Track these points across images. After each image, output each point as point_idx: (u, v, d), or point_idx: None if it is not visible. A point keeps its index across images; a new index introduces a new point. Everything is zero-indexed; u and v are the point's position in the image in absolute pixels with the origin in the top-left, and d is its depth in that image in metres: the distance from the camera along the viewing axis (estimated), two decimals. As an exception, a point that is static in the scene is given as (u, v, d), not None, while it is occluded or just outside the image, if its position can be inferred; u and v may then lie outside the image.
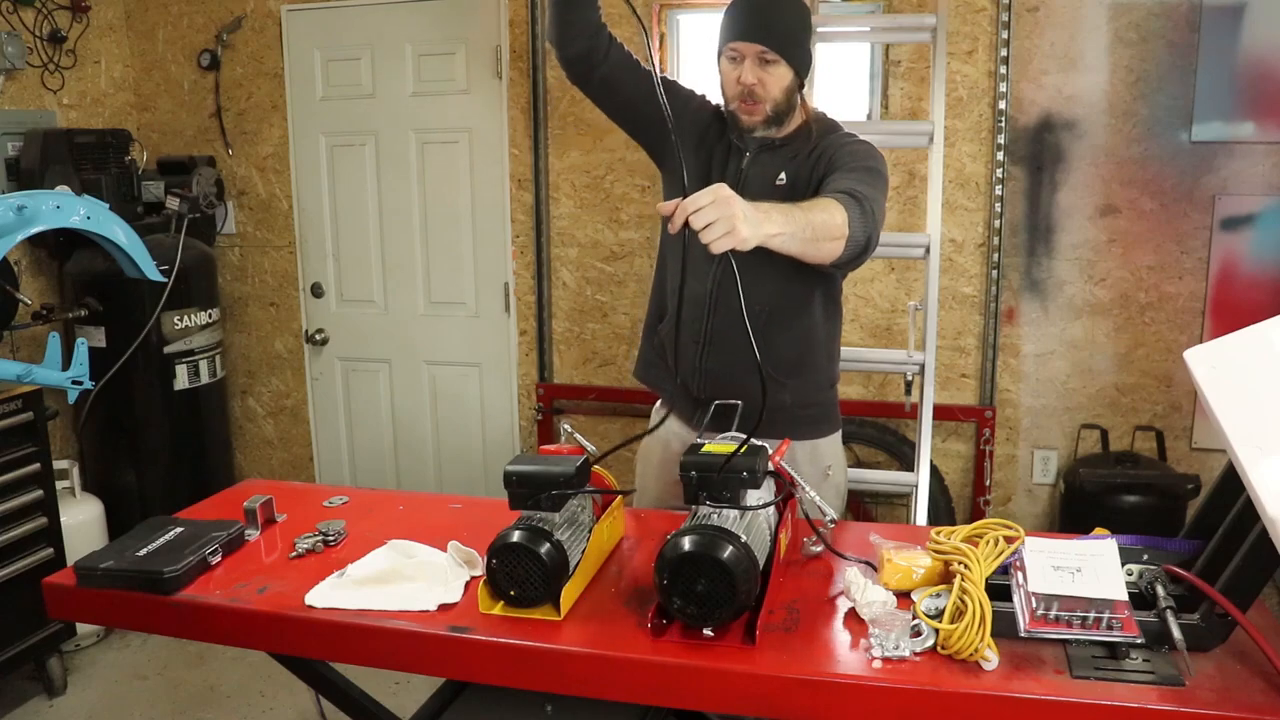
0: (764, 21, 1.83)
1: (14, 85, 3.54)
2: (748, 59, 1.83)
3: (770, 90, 1.85)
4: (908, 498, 3.07)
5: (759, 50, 1.82)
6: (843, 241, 1.65)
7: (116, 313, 3.44)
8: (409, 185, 3.83)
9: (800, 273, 1.86)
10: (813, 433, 2.02)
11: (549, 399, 3.77)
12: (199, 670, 3.22)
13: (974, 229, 3.33)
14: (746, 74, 1.83)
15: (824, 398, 2.07)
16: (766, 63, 1.83)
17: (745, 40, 1.83)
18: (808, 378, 2.00)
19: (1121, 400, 3.32)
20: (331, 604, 1.51)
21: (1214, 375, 1.35)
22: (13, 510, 2.90)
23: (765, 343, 1.88)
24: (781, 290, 1.91)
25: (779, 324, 1.92)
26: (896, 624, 1.34)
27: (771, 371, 1.92)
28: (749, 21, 1.84)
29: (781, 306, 1.92)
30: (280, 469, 4.23)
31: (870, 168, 1.84)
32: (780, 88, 1.85)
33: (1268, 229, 3.11)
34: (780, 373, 1.94)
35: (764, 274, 1.85)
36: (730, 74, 1.87)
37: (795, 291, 1.93)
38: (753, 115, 1.88)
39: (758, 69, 1.83)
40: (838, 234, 1.64)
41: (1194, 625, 1.30)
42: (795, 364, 1.97)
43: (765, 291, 1.88)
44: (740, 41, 1.84)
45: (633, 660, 1.36)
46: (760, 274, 1.85)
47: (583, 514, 1.62)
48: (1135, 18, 3.11)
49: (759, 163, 1.92)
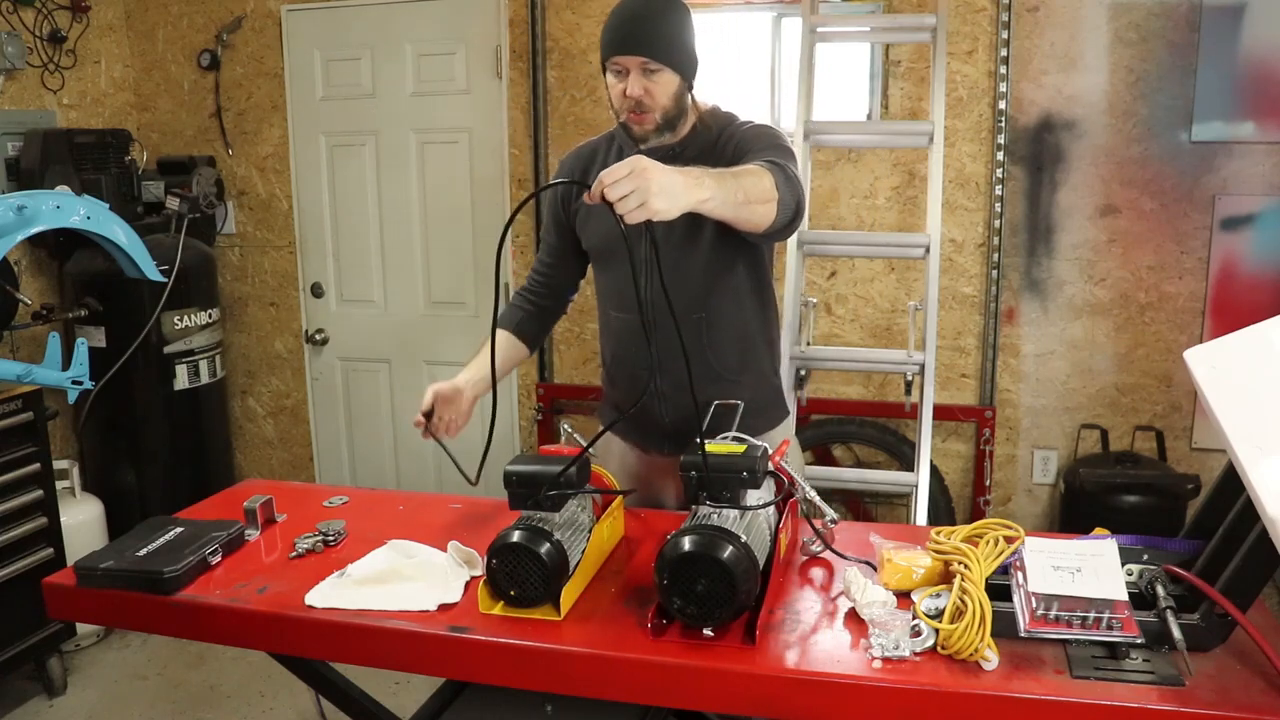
0: (642, 32, 1.81)
1: (14, 85, 3.55)
2: (632, 71, 1.82)
3: (658, 99, 1.83)
4: (908, 498, 3.07)
5: (641, 61, 1.81)
6: (774, 204, 1.67)
7: (116, 313, 3.44)
8: (409, 185, 3.83)
9: (726, 269, 1.89)
10: (767, 424, 2.02)
11: (549, 399, 3.77)
12: (199, 670, 3.22)
13: (974, 229, 3.33)
14: (632, 86, 1.82)
15: (771, 386, 2.08)
16: (650, 72, 1.82)
17: (625, 54, 1.82)
18: (754, 370, 2.02)
19: (1121, 400, 3.32)
20: (331, 604, 1.51)
21: (1214, 375, 1.35)
22: (13, 510, 2.90)
23: (710, 347, 1.90)
24: (711, 290, 1.91)
25: (718, 326, 1.93)
26: (896, 624, 1.34)
27: (723, 373, 1.93)
28: (627, 34, 1.82)
29: (715, 307, 1.93)
30: (280, 469, 4.23)
31: (779, 145, 1.85)
32: (668, 95, 1.84)
33: (1268, 229, 3.11)
34: (730, 373, 1.95)
35: (691, 279, 1.88)
36: (616, 87, 1.85)
37: (726, 289, 1.93)
38: (644, 125, 1.86)
39: (642, 80, 1.82)
40: (768, 196, 1.66)
41: (1194, 625, 1.30)
42: (741, 361, 1.98)
43: (695, 296, 1.89)
44: (620, 55, 1.82)
45: (633, 660, 1.36)
46: (687, 279, 1.88)
47: (583, 514, 1.62)
48: (1135, 18, 3.11)
49: None
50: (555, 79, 3.59)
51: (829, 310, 3.50)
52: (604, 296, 2.05)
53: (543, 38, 3.56)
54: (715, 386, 1.89)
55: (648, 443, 2.04)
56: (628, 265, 1.68)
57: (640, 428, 2.03)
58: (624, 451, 2.09)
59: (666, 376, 1.91)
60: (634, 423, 2.02)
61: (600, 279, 2.05)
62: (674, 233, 1.85)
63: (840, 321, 3.51)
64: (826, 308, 3.50)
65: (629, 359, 2.00)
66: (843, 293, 3.49)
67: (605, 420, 2.14)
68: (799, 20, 3.20)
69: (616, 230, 1.44)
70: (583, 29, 3.54)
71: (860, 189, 3.39)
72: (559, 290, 2.14)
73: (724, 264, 1.90)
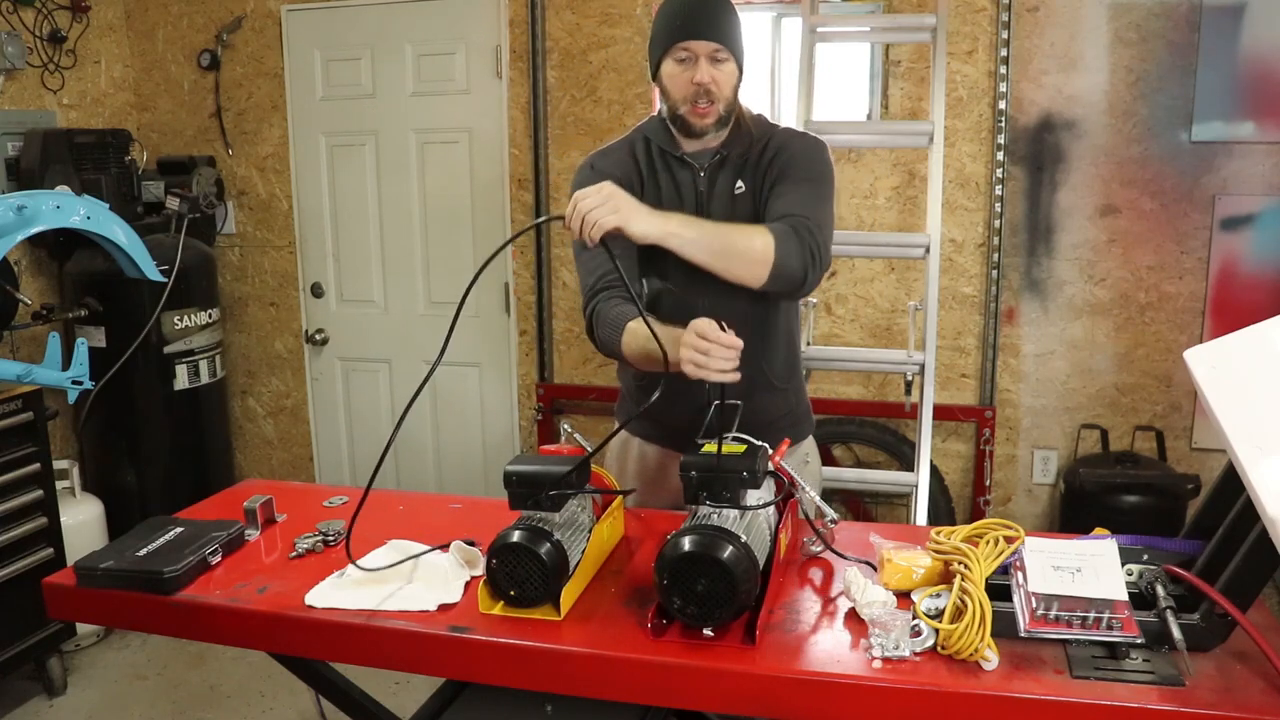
0: (713, 19, 1.78)
1: (14, 85, 3.55)
2: (701, 58, 1.77)
3: (724, 89, 1.80)
4: (908, 498, 3.07)
5: (713, 49, 1.77)
6: (766, 267, 1.67)
7: (116, 313, 3.44)
8: (409, 185, 3.83)
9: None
10: (799, 435, 2.01)
11: (549, 399, 3.77)
12: (199, 670, 3.22)
13: (974, 229, 3.33)
14: (702, 73, 1.77)
15: (806, 395, 2.08)
16: (719, 61, 1.78)
17: (698, 39, 1.77)
18: (797, 379, 2.02)
19: (1121, 400, 3.32)
20: (331, 604, 1.51)
21: (1214, 375, 1.35)
22: (13, 510, 2.90)
23: (764, 356, 1.88)
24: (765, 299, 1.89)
25: (771, 336, 1.92)
26: (896, 624, 1.34)
27: (774, 381, 1.92)
28: (699, 20, 1.78)
29: (768, 317, 1.91)
30: (280, 469, 4.23)
31: (815, 176, 1.83)
32: (731, 86, 1.81)
33: (1268, 229, 3.11)
34: (780, 381, 1.95)
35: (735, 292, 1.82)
36: (681, 76, 1.80)
37: (776, 299, 1.92)
38: (705, 117, 1.81)
39: (711, 68, 1.78)
40: (757, 258, 1.66)
41: (1194, 625, 1.30)
42: (788, 369, 1.98)
43: (751, 304, 1.86)
44: (693, 40, 1.77)
45: (633, 660, 1.36)
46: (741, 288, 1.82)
47: (583, 514, 1.62)
48: (1135, 18, 3.11)
49: (713, 177, 1.89)
50: (555, 79, 3.59)
51: (829, 310, 3.50)
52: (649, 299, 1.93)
53: (543, 38, 3.56)
54: (768, 395, 1.87)
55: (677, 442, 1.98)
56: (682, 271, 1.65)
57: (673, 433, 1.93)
58: (642, 449, 2.06)
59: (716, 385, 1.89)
60: (663, 424, 1.95)
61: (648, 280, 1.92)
62: None
63: (840, 321, 3.51)
64: (826, 308, 3.50)
65: None
66: (843, 293, 3.49)
67: (622, 417, 2.08)
68: (799, 20, 3.20)
69: None
70: (583, 29, 3.54)
71: (860, 189, 3.39)
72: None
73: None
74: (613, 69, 3.54)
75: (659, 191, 1.91)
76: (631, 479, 2.05)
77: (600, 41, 3.53)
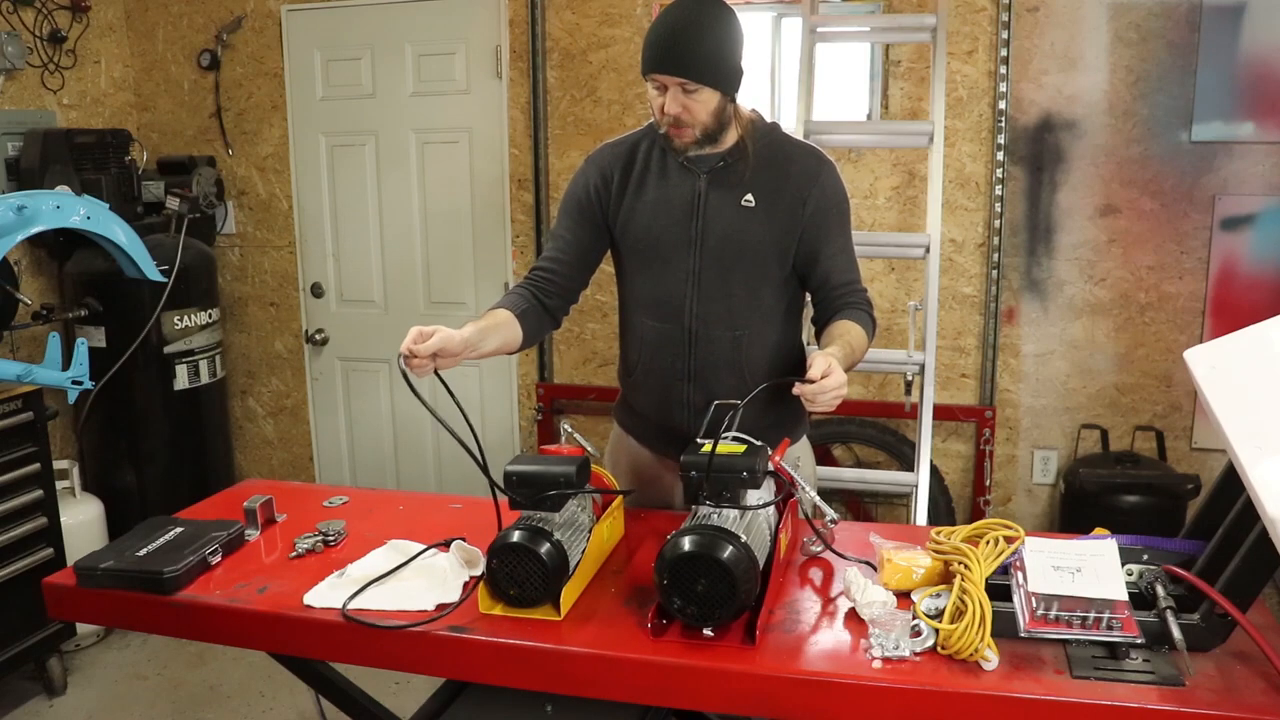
0: (683, 52, 1.75)
1: (14, 85, 3.54)
2: (670, 89, 1.78)
3: (697, 116, 1.79)
4: (908, 498, 3.07)
5: (679, 82, 1.76)
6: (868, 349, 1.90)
7: (116, 313, 3.44)
8: (409, 185, 3.83)
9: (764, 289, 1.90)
10: (794, 436, 2.01)
11: (549, 399, 3.77)
12: (199, 670, 3.22)
13: (974, 229, 3.33)
14: (670, 104, 1.78)
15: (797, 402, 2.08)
16: (689, 91, 1.77)
17: (664, 74, 1.77)
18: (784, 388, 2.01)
19: (1121, 400, 3.32)
20: (331, 604, 1.51)
21: (1214, 375, 1.35)
22: (13, 510, 2.90)
23: (746, 364, 1.89)
24: (751, 308, 1.91)
25: (754, 344, 1.92)
26: (896, 624, 1.34)
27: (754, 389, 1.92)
28: (667, 52, 1.76)
29: (753, 325, 1.91)
30: (280, 469, 4.23)
31: (845, 214, 1.95)
32: (707, 112, 1.79)
33: (1268, 229, 3.11)
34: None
35: (734, 297, 1.87)
36: (656, 101, 1.81)
37: (762, 308, 1.92)
38: (682, 139, 1.83)
39: (681, 98, 1.77)
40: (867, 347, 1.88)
41: (1194, 625, 1.30)
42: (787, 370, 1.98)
43: (737, 313, 1.89)
44: (658, 74, 1.78)
45: (633, 660, 1.36)
46: (729, 297, 1.87)
47: (583, 514, 1.62)
48: (1135, 18, 3.11)
49: (715, 187, 1.89)
50: (555, 79, 3.60)
51: (829, 310, 3.50)
52: (638, 303, 1.97)
53: (543, 38, 3.56)
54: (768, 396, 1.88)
55: (665, 446, 2.00)
56: (670, 272, 1.67)
57: (662, 434, 1.99)
58: (636, 451, 2.07)
59: (700, 389, 1.90)
60: (655, 427, 2.00)
61: (637, 283, 1.96)
62: (717, 251, 1.85)
63: (840, 321, 3.50)
64: (826, 308, 3.49)
65: (663, 370, 1.94)
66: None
67: (619, 419, 2.12)
68: (799, 20, 3.20)
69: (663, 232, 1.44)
70: (583, 29, 3.54)
71: (860, 189, 3.39)
72: (568, 290, 1.98)
73: (763, 284, 1.89)
74: (613, 69, 3.54)
75: (645, 194, 1.91)
76: (624, 476, 2.06)
77: (600, 41, 3.53)
